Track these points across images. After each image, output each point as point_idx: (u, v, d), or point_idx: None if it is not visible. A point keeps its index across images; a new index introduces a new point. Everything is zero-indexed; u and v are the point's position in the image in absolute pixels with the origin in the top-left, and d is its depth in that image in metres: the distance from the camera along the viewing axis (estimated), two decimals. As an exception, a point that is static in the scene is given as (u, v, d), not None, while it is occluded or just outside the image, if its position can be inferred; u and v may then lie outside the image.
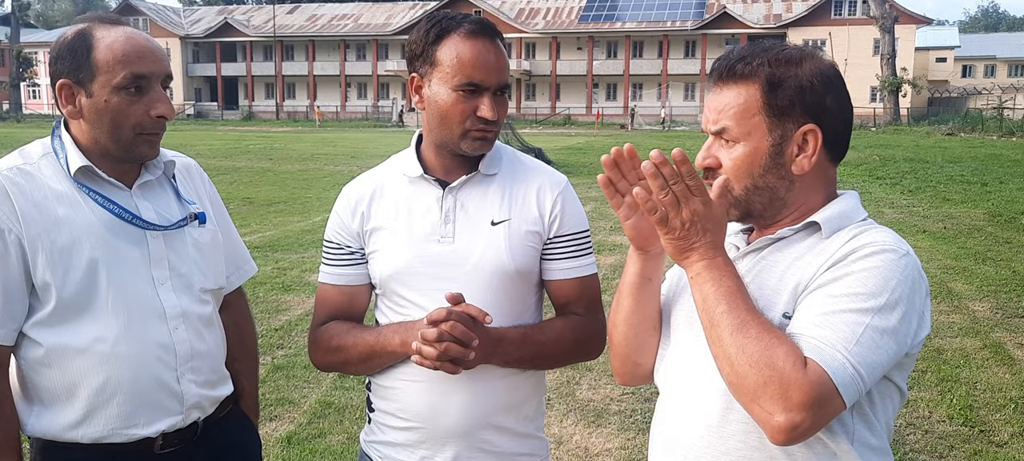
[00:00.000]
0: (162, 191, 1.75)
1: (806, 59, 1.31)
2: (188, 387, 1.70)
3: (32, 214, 1.57)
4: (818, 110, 1.29)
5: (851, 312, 1.17)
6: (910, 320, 1.20)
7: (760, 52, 1.32)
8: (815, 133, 1.29)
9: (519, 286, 1.70)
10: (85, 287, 1.59)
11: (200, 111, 65.03)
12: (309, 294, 6.92)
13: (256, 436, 1.99)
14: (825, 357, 1.15)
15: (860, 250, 1.23)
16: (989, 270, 8.00)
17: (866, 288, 1.19)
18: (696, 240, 1.25)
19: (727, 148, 1.32)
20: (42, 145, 1.67)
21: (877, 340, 1.17)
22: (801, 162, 1.30)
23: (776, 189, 1.32)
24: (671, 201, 1.23)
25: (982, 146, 26.11)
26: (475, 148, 1.64)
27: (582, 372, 4.95)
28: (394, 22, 63.91)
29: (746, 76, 1.30)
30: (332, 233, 1.77)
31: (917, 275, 1.23)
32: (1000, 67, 66.82)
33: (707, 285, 1.24)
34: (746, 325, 1.19)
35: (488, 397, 1.68)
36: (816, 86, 1.29)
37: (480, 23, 1.63)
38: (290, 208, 12.59)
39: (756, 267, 1.34)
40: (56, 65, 1.61)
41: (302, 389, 4.74)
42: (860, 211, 1.34)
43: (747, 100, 1.30)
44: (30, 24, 79.36)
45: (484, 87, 1.60)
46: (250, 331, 2.03)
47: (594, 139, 33.88)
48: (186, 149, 1.92)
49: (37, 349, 1.61)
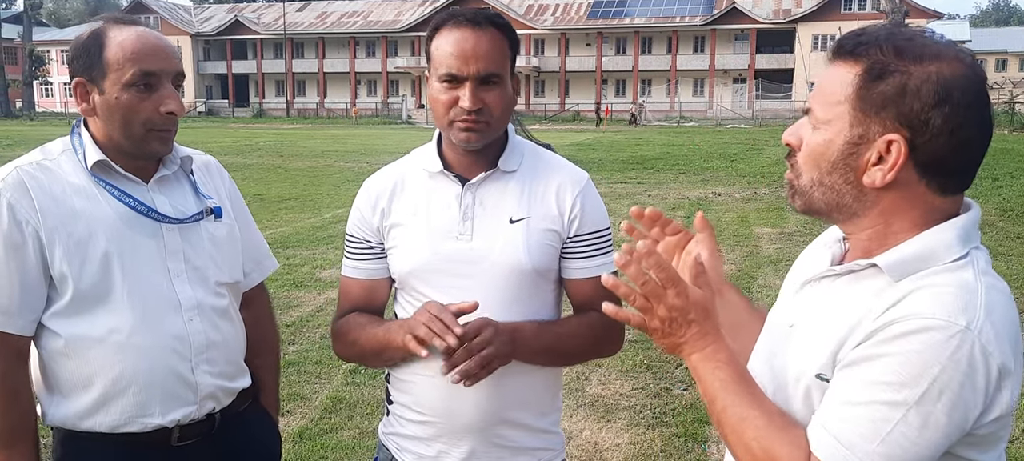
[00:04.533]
0: (179, 186, 1.78)
1: (934, 59, 1.07)
2: (202, 378, 1.72)
3: (50, 207, 1.61)
4: (916, 122, 1.07)
5: (879, 405, 1.03)
6: (961, 408, 1.02)
7: (887, 34, 1.11)
8: (900, 146, 1.08)
9: (537, 284, 1.69)
10: (101, 278, 1.63)
11: (211, 109, 65.18)
12: (320, 290, 6.96)
13: (275, 431, 2.01)
14: (834, 459, 1.05)
15: (901, 323, 1.03)
16: (1000, 266, 7.96)
17: (899, 377, 1.02)
18: (682, 333, 1.18)
19: (810, 131, 1.17)
20: (63, 142, 1.71)
21: (911, 436, 1.02)
22: (874, 173, 1.10)
23: (842, 194, 1.14)
24: (642, 304, 1.16)
25: (993, 141, 25.82)
26: (462, 140, 1.62)
27: (592, 368, 4.96)
28: (403, 19, 63.88)
29: (855, 55, 1.11)
30: (353, 227, 1.78)
31: (977, 353, 1.01)
32: (1011, 61, 66.23)
33: (705, 377, 1.18)
34: (745, 421, 1.12)
35: (504, 392, 1.68)
36: (924, 93, 1.06)
37: (468, 14, 1.61)
38: (301, 205, 12.64)
39: (825, 298, 1.19)
40: (73, 64, 1.67)
41: (314, 384, 4.77)
42: (953, 248, 1.10)
43: (841, 82, 1.11)
44: (42, 23, 79.75)
45: (461, 77, 1.58)
46: (271, 327, 2.05)
47: (602, 135, 33.85)
48: (198, 147, 1.94)
49: (57, 340, 1.64)
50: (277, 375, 2.07)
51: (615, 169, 18.16)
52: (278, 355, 2.12)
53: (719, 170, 17.93)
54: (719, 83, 58.20)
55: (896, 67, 1.08)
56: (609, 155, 22.01)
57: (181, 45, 63.17)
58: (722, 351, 1.18)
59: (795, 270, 1.36)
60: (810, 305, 1.22)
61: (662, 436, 4.10)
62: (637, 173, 17.26)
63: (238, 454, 1.84)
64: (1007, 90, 40.99)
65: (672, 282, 1.16)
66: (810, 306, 1.22)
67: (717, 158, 20.73)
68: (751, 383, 1.17)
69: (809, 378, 1.14)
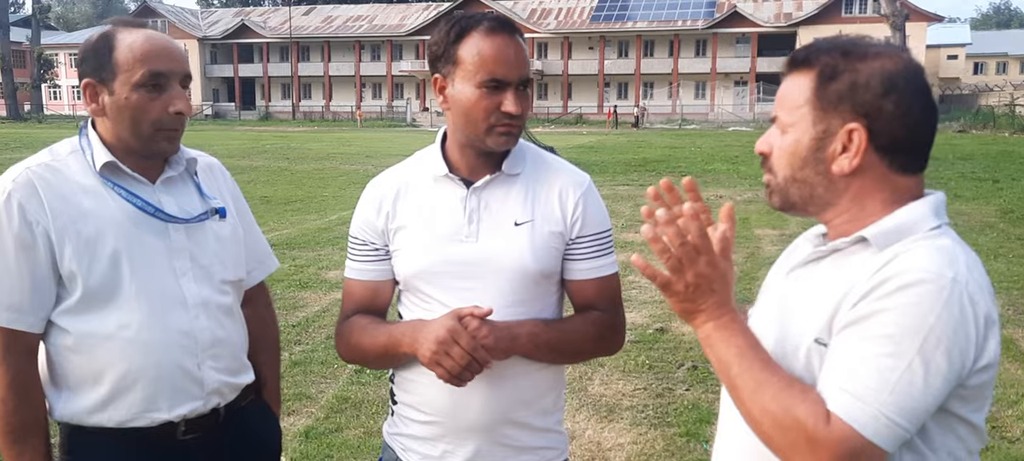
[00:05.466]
0: (184, 186, 1.81)
1: (876, 56, 1.21)
2: (208, 373, 1.75)
3: (59, 207, 1.64)
4: (870, 110, 1.20)
5: (883, 357, 1.10)
6: (957, 354, 1.11)
7: (831, 43, 1.25)
8: (860, 133, 1.20)
9: (541, 286, 1.71)
10: (109, 276, 1.66)
11: (218, 111, 65.32)
12: (326, 291, 7.00)
13: (276, 426, 2.04)
14: (852, 412, 1.10)
15: (894, 279, 1.13)
16: (1001, 267, 7.97)
17: (899, 328, 1.10)
18: (702, 301, 1.22)
19: (779, 136, 1.29)
20: (70, 144, 1.74)
21: (917, 383, 1.09)
22: (842, 162, 1.22)
23: (815, 186, 1.26)
24: (674, 265, 1.20)
25: (994, 143, 25.90)
26: (501, 143, 1.64)
27: (594, 367, 4.99)
28: (408, 23, 64.02)
29: (806, 64, 1.25)
30: (357, 229, 1.79)
31: (966, 302, 1.11)
32: (1012, 64, 66.10)
33: (719, 346, 1.22)
34: (763, 386, 1.16)
35: (508, 392, 1.69)
36: (874, 84, 1.19)
37: (499, 20, 1.63)
38: (307, 206, 12.68)
39: (812, 276, 1.29)
40: (82, 66, 1.70)
41: (319, 384, 4.81)
42: (929, 220, 1.21)
43: (799, 89, 1.25)
44: (51, 26, 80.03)
45: (507, 82, 1.60)
46: (272, 324, 2.09)
47: (606, 138, 33.87)
48: (205, 149, 1.98)
49: (66, 336, 1.67)
50: (278, 371, 2.10)
51: (618, 171, 18.19)
52: (279, 352, 2.15)
53: (721, 172, 17.96)
54: (721, 86, 58.16)
55: (845, 67, 1.22)
56: (612, 157, 22.03)
57: (188, 48, 62.21)
58: (737, 322, 1.23)
59: (780, 263, 1.45)
60: (798, 286, 1.31)
61: (664, 436, 4.12)
62: (640, 175, 17.26)
63: (240, 448, 1.87)
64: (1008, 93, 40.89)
65: (706, 250, 1.21)
66: (798, 286, 1.31)
67: (719, 160, 20.74)
68: (764, 352, 1.22)
69: (808, 344, 1.21)
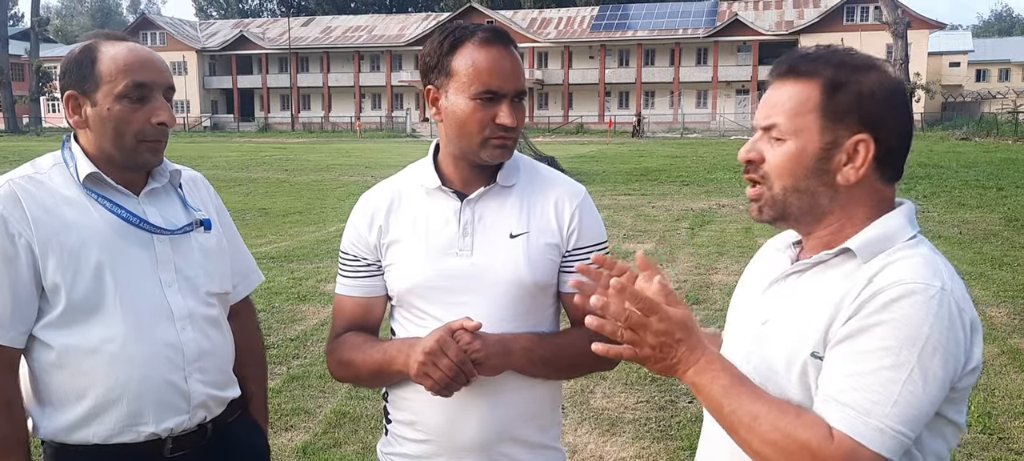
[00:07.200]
0: (169, 198, 1.79)
1: (873, 69, 1.25)
2: (195, 386, 1.73)
3: (42, 219, 1.62)
4: (875, 122, 1.23)
5: (884, 370, 1.12)
6: (951, 360, 1.14)
7: (827, 53, 1.27)
8: (867, 144, 1.22)
9: (537, 299, 1.68)
10: (94, 289, 1.63)
11: (217, 123, 65.44)
12: (324, 304, 6.95)
13: (264, 441, 2.01)
14: (856, 427, 1.11)
15: (885, 292, 1.15)
16: (1006, 275, 7.93)
17: (897, 340, 1.12)
18: (673, 354, 1.22)
19: (774, 145, 1.27)
20: (53, 157, 1.73)
21: (917, 392, 1.11)
22: (847, 172, 1.24)
23: (817, 195, 1.26)
24: (631, 338, 1.21)
25: (997, 150, 25.90)
26: (495, 156, 1.62)
27: (596, 381, 4.94)
28: (407, 34, 64.16)
29: (808, 74, 1.25)
30: (348, 245, 1.76)
31: (954, 310, 1.15)
32: (1014, 71, 66.25)
33: (705, 390, 1.21)
34: (758, 418, 1.16)
35: (506, 409, 1.66)
36: (878, 96, 1.23)
37: (494, 31, 1.61)
38: (305, 218, 12.66)
39: (796, 291, 1.29)
40: (64, 78, 1.69)
41: (317, 399, 4.76)
42: (906, 229, 1.25)
43: (804, 97, 1.24)
44: (49, 39, 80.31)
45: (501, 94, 1.58)
46: (257, 338, 2.08)
47: (607, 147, 33.90)
48: (203, 161, 1.95)
49: (48, 352, 1.64)
50: (265, 386, 2.08)
51: (619, 181, 18.15)
52: (266, 366, 2.14)
53: (723, 181, 17.90)
54: (722, 94, 58.22)
55: (849, 78, 1.24)
56: (613, 167, 22.01)
57: (187, 60, 63.56)
58: (715, 360, 1.22)
59: (752, 276, 1.45)
60: (781, 301, 1.30)
61: (667, 449, 4.07)
62: (641, 185, 17.25)
63: None
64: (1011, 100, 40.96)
65: (652, 309, 1.21)
66: (781, 301, 1.30)
67: (721, 169, 20.70)
68: (750, 383, 1.21)
69: (803, 359, 1.21)
